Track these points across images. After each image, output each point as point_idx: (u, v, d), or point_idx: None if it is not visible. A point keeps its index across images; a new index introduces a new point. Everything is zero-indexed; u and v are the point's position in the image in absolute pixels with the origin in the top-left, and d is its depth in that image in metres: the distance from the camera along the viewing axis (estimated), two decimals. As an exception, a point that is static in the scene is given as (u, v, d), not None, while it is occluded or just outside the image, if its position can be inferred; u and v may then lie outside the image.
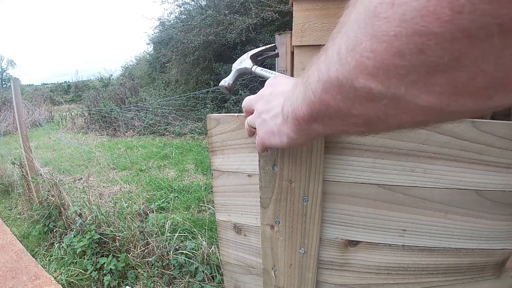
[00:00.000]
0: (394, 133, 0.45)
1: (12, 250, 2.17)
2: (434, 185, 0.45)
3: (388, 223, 0.49)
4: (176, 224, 2.40)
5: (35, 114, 6.92)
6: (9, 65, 29.60)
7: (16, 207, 3.13)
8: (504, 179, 0.43)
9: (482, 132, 0.42)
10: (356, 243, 0.52)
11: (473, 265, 0.49)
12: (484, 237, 0.47)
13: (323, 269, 0.55)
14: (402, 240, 0.49)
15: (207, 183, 3.43)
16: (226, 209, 0.60)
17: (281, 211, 0.52)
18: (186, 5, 8.02)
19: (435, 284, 0.51)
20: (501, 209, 0.45)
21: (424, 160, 0.45)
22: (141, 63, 13.21)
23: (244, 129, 0.48)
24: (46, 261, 2.15)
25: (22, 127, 2.86)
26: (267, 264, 0.57)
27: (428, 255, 0.49)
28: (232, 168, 0.56)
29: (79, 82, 19.42)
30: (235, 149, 0.55)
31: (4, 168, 3.83)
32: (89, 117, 7.41)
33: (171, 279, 1.88)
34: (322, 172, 0.48)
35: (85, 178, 3.55)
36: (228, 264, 0.65)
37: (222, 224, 0.62)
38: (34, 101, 11.30)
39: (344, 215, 0.51)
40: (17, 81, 2.95)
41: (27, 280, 1.84)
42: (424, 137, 0.44)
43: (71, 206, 2.42)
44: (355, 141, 0.47)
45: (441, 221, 0.47)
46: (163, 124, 6.46)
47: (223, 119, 0.54)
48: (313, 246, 0.52)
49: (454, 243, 0.48)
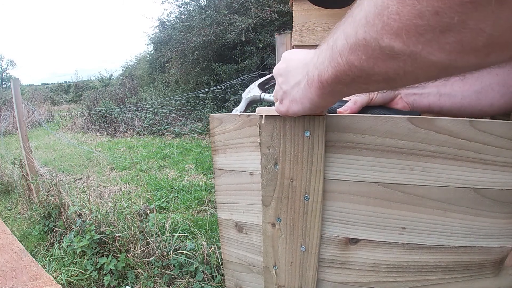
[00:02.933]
0: (394, 133, 0.46)
1: (12, 250, 2.17)
2: (433, 183, 0.46)
3: (388, 221, 0.50)
4: (176, 224, 2.40)
5: (35, 114, 6.92)
6: (9, 65, 29.59)
7: (16, 207, 3.13)
8: (502, 178, 0.44)
9: (479, 131, 0.43)
10: (356, 241, 0.52)
11: (472, 263, 0.50)
12: (482, 235, 0.48)
13: (323, 267, 0.56)
14: (401, 238, 0.50)
15: (207, 183, 3.43)
16: (228, 208, 0.60)
17: (283, 209, 0.53)
18: (186, 5, 8.02)
19: (434, 282, 0.52)
20: (499, 207, 0.46)
21: (423, 158, 0.45)
22: (141, 63, 13.21)
23: (246, 128, 0.50)
24: (46, 261, 2.15)
25: (22, 127, 2.86)
26: (268, 262, 0.58)
27: (428, 253, 0.50)
28: (234, 167, 0.57)
29: (79, 82, 19.40)
30: (237, 148, 0.55)
31: (4, 168, 3.83)
32: (89, 117, 7.41)
33: (171, 279, 1.89)
34: (323, 171, 0.49)
35: (85, 178, 3.55)
36: (230, 262, 0.65)
37: (224, 223, 0.62)
38: (34, 101, 11.29)
39: (344, 213, 0.51)
40: (17, 81, 2.95)
41: (27, 280, 1.84)
42: (422, 136, 0.44)
43: (71, 206, 2.42)
44: (355, 140, 0.47)
45: (440, 219, 0.48)
46: (163, 124, 6.46)
47: (226, 119, 0.54)
48: (313, 244, 0.53)
49: (453, 241, 0.49)
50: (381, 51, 0.23)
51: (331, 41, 0.29)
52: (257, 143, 0.52)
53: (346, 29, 0.26)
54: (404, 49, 0.22)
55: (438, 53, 0.21)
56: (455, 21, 0.18)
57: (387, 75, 0.25)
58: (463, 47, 0.19)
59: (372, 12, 0.23)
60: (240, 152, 0.55)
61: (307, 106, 0.37)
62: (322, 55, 0.31)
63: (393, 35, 0.22)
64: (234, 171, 0.57)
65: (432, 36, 0.20)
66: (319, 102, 0.35)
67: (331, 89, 0.32)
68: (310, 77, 0.34)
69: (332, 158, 0.49)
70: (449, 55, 0.20)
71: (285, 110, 0.42)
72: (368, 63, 0.25)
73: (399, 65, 0.23)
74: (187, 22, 7.28)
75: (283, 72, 0.41)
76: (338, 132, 0.48)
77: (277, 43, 1.66)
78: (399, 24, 0.21)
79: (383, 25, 0.22)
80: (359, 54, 0.25)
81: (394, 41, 0.22)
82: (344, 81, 0.29)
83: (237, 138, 0.55)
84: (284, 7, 5.86)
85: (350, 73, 0.27)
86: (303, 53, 0.40)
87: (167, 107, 6.65)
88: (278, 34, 1.66)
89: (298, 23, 1.08)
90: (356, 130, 0.47)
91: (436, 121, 0.44)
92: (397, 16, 0.21)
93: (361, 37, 0.24)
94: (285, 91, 0.40)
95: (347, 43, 0.26)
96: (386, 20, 0.21)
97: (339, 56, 0.27)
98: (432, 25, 0.19)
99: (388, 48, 0.23)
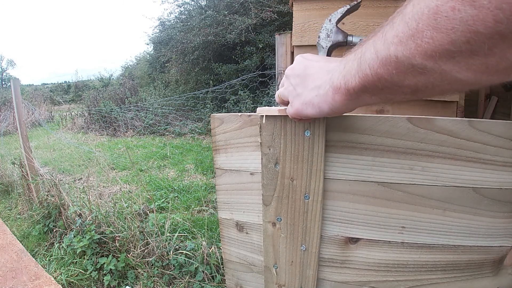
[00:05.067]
0: (393, 132, 0.46)
1: (12, 250, 2.17)
2: (432, 183, 0.46)
3: (387, 220, 0.50)
4: (176, 224, 2.40)
5: (35, 114, 6.92)
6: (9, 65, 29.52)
7: (16, 207, 3.13)
8: (500, 177, 0.44)
9: (478, 131, 0.43)
10: (356, 240, 0.53)
11: (471, 262, 0.50)
12: (481, 234, 0.48)
13: (324, 266, 0.56)
14: (401, 237, 0.50)
15: (207, 183, 3.44)
16: (229, 207, 0.61)
17: (283, 208, 0.53)
18: (186, 5, 8.03)
19: (434, 281, 0.52)
20: (498, 206, 0.46)
21: (422, 158, 0.46)
22: (141, 63, 13.21)
23: (247, 128, 0.50)
24: (46, 261, 2.15)
25: (22, 127, 2.86)
26: (269, 262, 0.58)
27: (427, 252, 0.50)
28: (235, 167, 0.57)
29: (79, 82, 19.39)
30: (238, 148, 0.56)
31: (4, 168, 3.83)
32: (89, 117, 7.41)
33: (171, 279, 1.89)
34: (323, 170, 0.49)
35: (85, 178, 3.55)
36: (230, 262, 0.65)
37: (224, 222, 0.62)
38: (34, 101, 11.28)
39: (344, 213, 0.52)
40: (17, 81, 2.95)
41: (27, 280, 1.84)
42: (422, 135, 0.45)
43: (71, 206, 2.42)
44: (355, 140, 0.48)
45: (440, 218, 0.48)
46: (163, 124, 6.46)
47: (227, 119, 0.55)
48: (314, 243, 0.53)
49: (452, 240, 0.49)
50: (413, 68, 0.26)
51: (359, 53, 0.32)
52: (258, 142, 0.53)
53: (376, 43, 0.29)
54: (435, 68, 0.24)
55: (465, 72, 0.23)
56: (484, 49, 0.21)
57: (416, 88, 0.28)
58: (488, 69, 0.22)
59: (405, 33, 0.25)
60: (241, 151, 0.55)
61: (324, 111, 0.38)
62: (349, 65, 0.33)
63: (425, 55, 0.24)
64: (235, 171, 0.57)
65: (461, 59, 0.23)
66: (339, 108, 0.37)
67: (357, 96, 0.34)
68: (336, 84, 0.35)
69: (332, 158, 0.49)
70: (475, 75, 0.23)
71: (295, 112, 0.42)
72: (399, 77, 0.27)
73: (429, 80, 0.26)
74: (187, 22, 7.28)
75: (300, 74, 0.41)
76: (338, 132, 0.48)
77: (277, 43, 1.66)
78: (433, 48, 0.23)
79: (416, 46, 0.24)
80: (390, 68, 0.28)
81: (426, 60, 0.24)
82: (371, 91, 0.32)
83: (238, 137, 0.55)
84: (284, 7, 5.86)
85: (379, 84, 0.30)
86: (324, 60, 0.41)
87: (167, 107, 6.65)
88: (278, 34, 1.66)
89: (298, 23, 1.09)
90: (356, 130, 0.47)
91: (435, 120, 0.44)
92: (431, 40, 0.23)
93: (392, 54, 0.27)
94: (300, 93, 0.41)
95: (377, 57, 0.28)
96: (420, 43, 0.24)
97: (368, 68, 0.30)
98: (463, 51, 0.22)
99: (420, 66, 0.25)
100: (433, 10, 0.22)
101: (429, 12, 0.23)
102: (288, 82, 0.43)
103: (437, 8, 0.22)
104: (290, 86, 0.43)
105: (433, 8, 0.22)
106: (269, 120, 0.49)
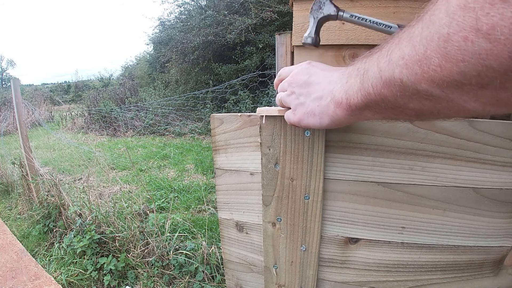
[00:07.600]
0: (393, 133, 0.46)
1: (12, 250, 2.17)
2: (432, 183, 0.46)
3: (387, 221, 0.50)
4: (176, 224, 2.40)
5: (35, 114, 6.92)
6: (9, 65, 29.55)
7: (16, 207, 3.13)
8: (501, 177, 0.44)
9: (478, 131, 0.43)
10: (356, 241, 0.53)
11: (471, 263, 0.50)
12: (481, 235, 0.48)
13: (323, 267, 0.56)
14: (401, 237, 0.50)
15: (207, 183, 3.43)
16: (229, 207, 0.61)
17: (283, 208, 0.53)
18: (186, 5, 8.02)
19: (434, 281, 0.52)
20: (498, 206, 0.46)
21: (422, 158, 0.46)
22: (141, 63, 13.21)
23: (247, 128, 0.50)
24: (46, 261, 2.15)
25: (22, 127, 2.86)
26: (269, 262, 0.58)
27: (427, 252, 0.50)
28: (235, 167, 0.57)
29: (79, 82, 19.40)
30: (238, 148, 0.56)
31: (4, 168, 3.83)
32: (89, 117, 7.41)
33: (171, 279, 1.89)
34: (323, 170, 0.49)
35: (85, 178, 3.55)
36: (230, 262, 0.65)
37: (224, 222, 0.62)
38: (34, 101, 11.27)
39: (344, 213, 0.52)
40: (17, 81, 2.95)
41: (27, 280, 1.84)
42: (422, 136, 0.45)
43: (71, 206, 2.42)
44: (355, 140, 0.47)
45: (440, 219, 0.48)
46: (163, 124, 6.46)
47: (227, 119, 0.55)
48: (314, 243, 0.53)
49: (452, 240, 0.49)
50: (418, 94, 0.24)
51: (362, 69, 0.30)
52: (258, 143, 0.53)
53: (380, 62, 0.27)
54: (442, 95, 0.23)
55: (473, 103, 0.22)
56: (495, 84, 0.20)
57: (421, 112, 0.27)
58: (498, 102, 0.21)
59: (411, 56, 0.24)
60: (241, 152, 0.55)
61: (325, 122, 0.37)
62: (351, 80, 0.32)
63: (432, 83, 0.23)
64: (234, 171, 0.57)
65: (470, 90, 0.21)
66: (341, 121, 0.36)
67: (359, 113, 0.33)
68: (338, 99, 0.34)
69: (332, 158, 0.49)
70: (483, 106, 0.22)
71: (297, 121, 0.41)
72: (403, 100, 0.26)
73: (435, 106, 0.25)
74: (187, 22, 7.28)
75: (303, 84, 0.40)
76: (338, 132, 0.48)
77: (277, 43, 1.66)
78: (440, 76, 0.22)
79: (423, 72, 0.23)
80: (393, 91, 0.26)
81: (432, 88, 0.23)
82: (373, 109, 0.31)
83: (238, 138, 0.55)
84: (284, 7, 5.86)
85: (382, 104, 0.29)
86: (328, 70, 0.40)
87: (167, 107, 6.65)
88: (278, 34, 1.66)
89: (298, 23, 1.09)
90: (356, 130, 0.47)
91: (435, 121, 0.44)
92: (439, 69, 0.22)
93: (397, 77, 0.25)
94: (302, 102, 0.40)
95: (381, 77, 0.27)
96: (426, 69, 0.22)
97: (371, 87, 0.29)
98: (472, 83, 0.21)
99: (425, 92, 0.24)
100: (443, 37, 0.21)
101: (439, 39, 0.21)
102: (291, 89, 0.42)
103: (448, 36, 0.21)
104: (293, 94, 0.42)
105: (444, 36, 0.21)
106: (269, 120, 0.49)
